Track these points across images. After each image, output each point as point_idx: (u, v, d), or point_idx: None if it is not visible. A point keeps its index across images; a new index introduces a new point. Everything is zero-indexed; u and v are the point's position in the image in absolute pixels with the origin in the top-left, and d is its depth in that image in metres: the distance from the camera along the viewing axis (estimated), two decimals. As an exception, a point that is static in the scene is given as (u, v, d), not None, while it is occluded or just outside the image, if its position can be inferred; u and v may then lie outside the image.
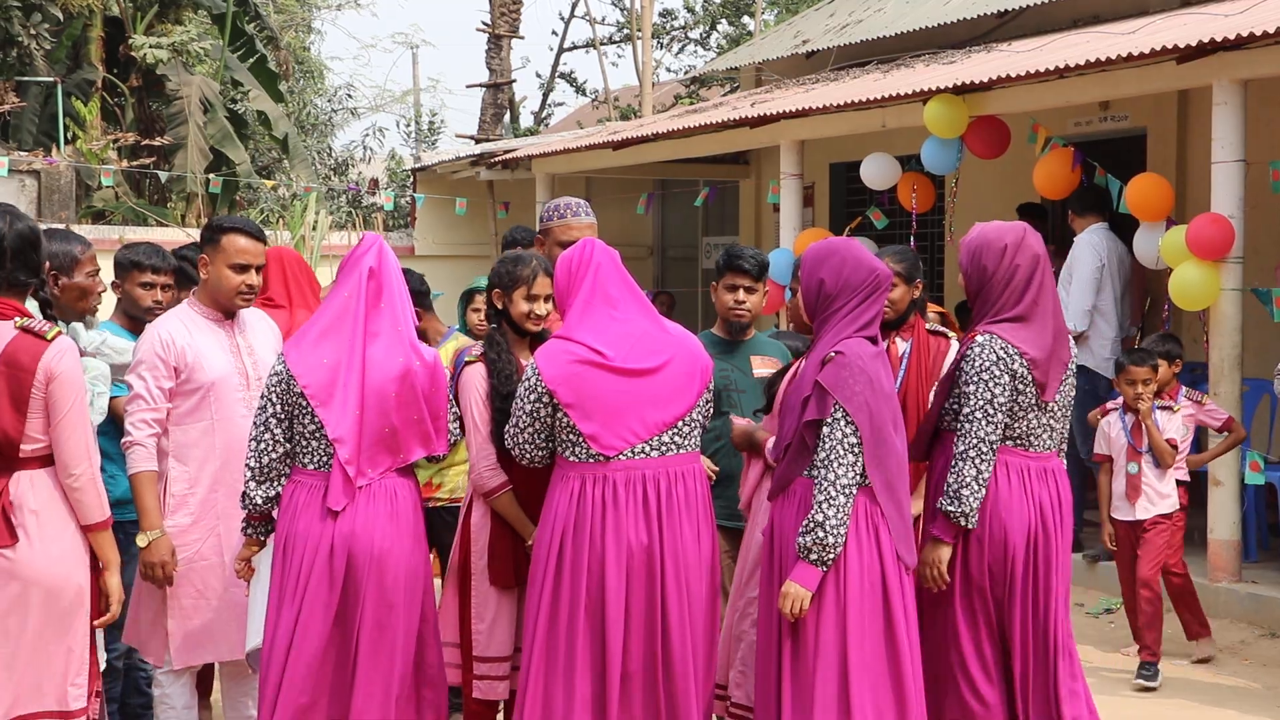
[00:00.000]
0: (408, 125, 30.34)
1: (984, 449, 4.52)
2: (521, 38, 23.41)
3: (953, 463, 4.54)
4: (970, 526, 4.53)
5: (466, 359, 4.86)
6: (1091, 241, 8.75)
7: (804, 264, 4.47)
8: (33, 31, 18.86)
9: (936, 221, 12.72)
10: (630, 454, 4.37)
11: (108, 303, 5.36)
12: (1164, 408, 6.85)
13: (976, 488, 4.51)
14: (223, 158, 18.90)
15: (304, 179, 19.90)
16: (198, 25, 20.73)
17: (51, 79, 18.82)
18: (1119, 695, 6.54)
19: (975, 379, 4.55)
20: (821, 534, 4.17)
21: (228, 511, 4.84)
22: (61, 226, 7.45)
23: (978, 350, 4.59)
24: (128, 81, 19.97)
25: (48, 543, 4.13)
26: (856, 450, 4.22)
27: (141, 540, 4.75)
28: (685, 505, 4.41)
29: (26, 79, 18.90)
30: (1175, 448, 6.78)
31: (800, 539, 4.21)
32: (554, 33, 36.54)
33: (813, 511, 4.20)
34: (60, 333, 4.16)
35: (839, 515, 4.18)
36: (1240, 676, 6.86)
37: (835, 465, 4.20)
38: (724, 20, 25.91)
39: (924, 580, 4.55)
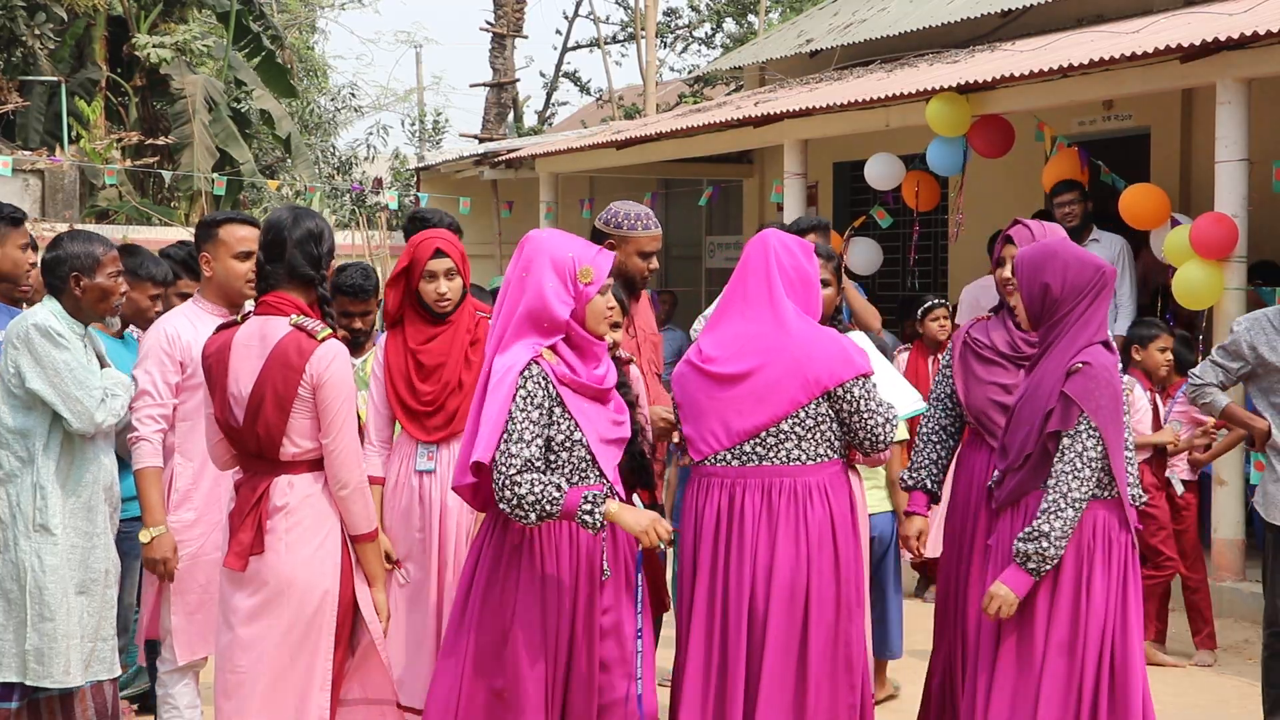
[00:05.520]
0: (411, 124, 30.35)
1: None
2: (525, 37, 23.49)
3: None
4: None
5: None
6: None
7: (1023, 269, 4.35)
8: (37, 31, 18.89)
9: (941, 220, 12.72)
10: (713, 460, 4.29)
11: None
12: None
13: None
14: (227, 157, 18.92)
15: (307, 178, 19.95)
16: (201, 24, 20.74)
17: (55, 79, 18.85)
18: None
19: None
20: (1045, 545, 4.12)
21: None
22: (82, 228, 7.50)
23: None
24: (131, 81, 19.99)
25: (296, 547, 4.16)
26: (1094, 465, 4.16)
27: (144, 536, 4.76)
28: (761, 520, 4.21)
29: (30, 78, 18.93)
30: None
31: (1021, 545, 4.15)
32: (558, 32, 36.64)
33: (1039, 520, 4.14)
34: (331, 334, 4.16)
35: (1065, 529, 4.13)
36: (1244, 675, 6.85)
37: (1071, 478, 4.15)
38: (729, 19, 25.91)
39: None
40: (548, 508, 3.88)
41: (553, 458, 4.00)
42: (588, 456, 4.02)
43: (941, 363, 5.05)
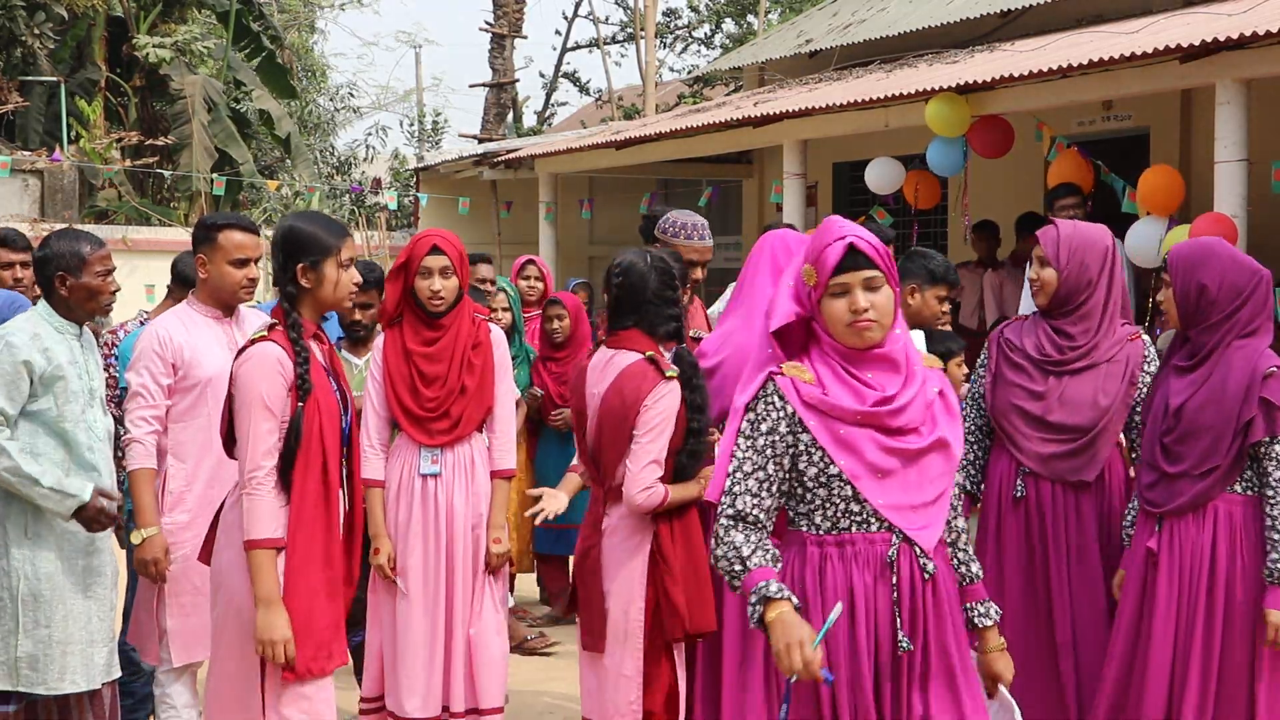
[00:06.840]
0: (411, 125, 30.36)
1: None
2: (524, 37, 23.48)
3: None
4: None
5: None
6: None
7: (1178, 266, 4.24)
8: (36, 31, 18.89)
9: (941, 220, 12.73)
10: None
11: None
12: None
13: None
14: (226, 157, 18.93)
15: (306, 178, 19.96)
16: (201, 24, 20.75)
17: (55, 79, 18.86)
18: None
19: None
20: None
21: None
22: (78, 227, 7.47)
23: None
24: (131, 81, 20.00)
25: (223, 550, 4.14)
26: None
27: (135, 538, 4.75)
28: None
29: (30, 78, 18.94)
30: None
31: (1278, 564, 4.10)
32: (557, 32, 36.65)
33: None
34: (262, 338, 4.06)
35: None
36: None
37: None
38: (728, 19, 25.92)
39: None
40: (733, 581, 3.23)
41: (808, 494, 3.25)
42: (852, 494, 3.21)
43: (979, 361, 4.95)
